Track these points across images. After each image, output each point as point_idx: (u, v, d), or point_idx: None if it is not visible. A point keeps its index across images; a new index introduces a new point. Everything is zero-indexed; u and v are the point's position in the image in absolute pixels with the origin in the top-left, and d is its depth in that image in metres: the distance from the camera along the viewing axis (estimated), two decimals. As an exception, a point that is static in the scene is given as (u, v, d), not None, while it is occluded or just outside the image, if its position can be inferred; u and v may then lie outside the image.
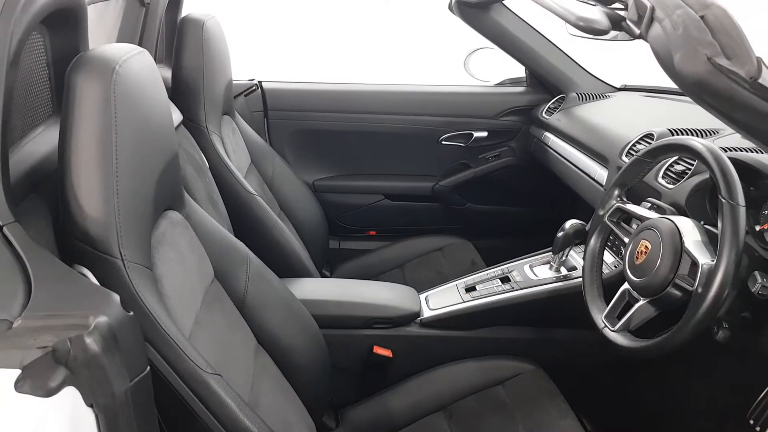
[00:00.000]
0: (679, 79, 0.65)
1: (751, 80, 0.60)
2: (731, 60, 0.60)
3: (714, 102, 0.64)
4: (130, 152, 0.80)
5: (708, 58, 0.60)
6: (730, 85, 0.61)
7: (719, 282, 0.87)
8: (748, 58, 0.61)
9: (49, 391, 0.55)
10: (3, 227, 0.68)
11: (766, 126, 0.64)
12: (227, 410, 0.82)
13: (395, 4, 2.90)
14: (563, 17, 0.77)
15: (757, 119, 0.63)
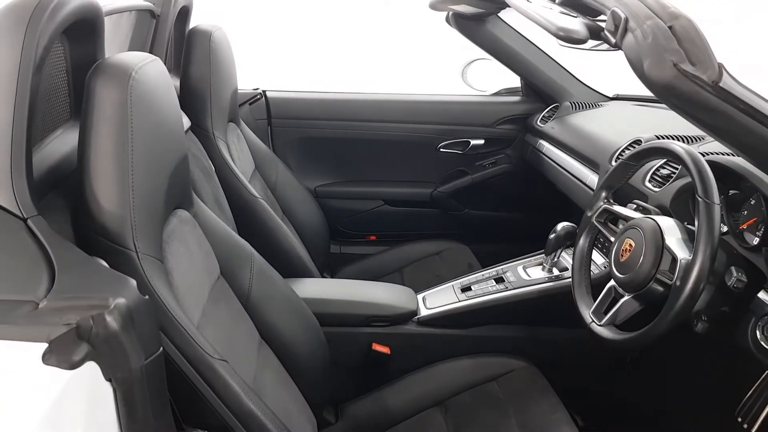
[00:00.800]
0: (649, 83, 0.71)
1: (713, 84, 0.66)
2: (695, 66, 0.66)
3: (682, 105, 0.70)
4: (144, 152, 0.86)
5: (674, 64, 0.66)
6: (695, 89, 0.67)
7: (696, 275, 0.92)
8: (710, 65, 0.67)
9: (72, 365, 0.61)
10: (27, 220, 0.74)
11: (729, 126, 0.69)
12: (232, 394, 0.87)
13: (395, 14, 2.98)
14: (545, 27, 0.83)
15: (720, 120, 0.69)
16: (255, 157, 1.88)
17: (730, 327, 1.04)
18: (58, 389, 0.60)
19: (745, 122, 0.68)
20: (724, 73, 0.67)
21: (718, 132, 0.73)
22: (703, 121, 0.72)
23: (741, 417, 1.15)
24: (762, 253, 1.06)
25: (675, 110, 0.73)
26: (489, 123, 2.26)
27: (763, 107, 0.67)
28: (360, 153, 2.30)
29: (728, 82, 0.66)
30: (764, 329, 0.98)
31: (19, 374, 0.58)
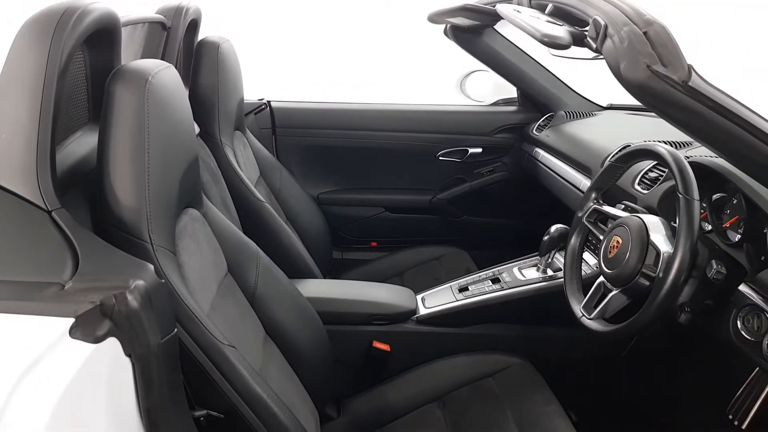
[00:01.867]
0: (626, 84, 0.77)
1: (683, 83, 0.72)
2: (667, 67, 0.73)
3: (655, 103, 0.76)
4: (159, 152, 0.92)
5: (647, 66, 0.73)
6: (666, 88, 0.73)
7: (677, 267, 0.98)
8: (680, 66, 0.73)
9: (96, 339, 0.66)
10: (51, 212, 0.80)
11: (699, 123, 0.75)
12: (240, 377, 0.92)
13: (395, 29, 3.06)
14: (531, 34, 0.89)
15: (691, 117, 0.75)
16: (260, 165, 1.94)
17: (713, 319, 1.09)
18: (82, 362, 0.65)
19: (714, 119, 0.74)
20: (693, 73, 0.73)
21: (690, 129, 0.79)
22: (676, 118, 0.78)
23: (732, 414, 1.20)
24: (743, 249, 1.11)
25: (651, 109, 0.80)
26: (487, 132, 2.32)
27: (730, 104, 0.73)
28: (361, 161, 2.36)
29: (697, 82, 0.72)
30: (745, 320, 1.03)
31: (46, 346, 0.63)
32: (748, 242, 1.10)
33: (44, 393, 0.62)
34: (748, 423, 1.18)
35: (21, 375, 0.61)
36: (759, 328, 1.00)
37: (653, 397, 1.65)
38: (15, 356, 0.62)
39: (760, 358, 0.98)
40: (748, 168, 0.84)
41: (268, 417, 0.93)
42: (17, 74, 0.81)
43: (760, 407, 1.16)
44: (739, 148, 0.76)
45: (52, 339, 0.64)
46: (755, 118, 0.74)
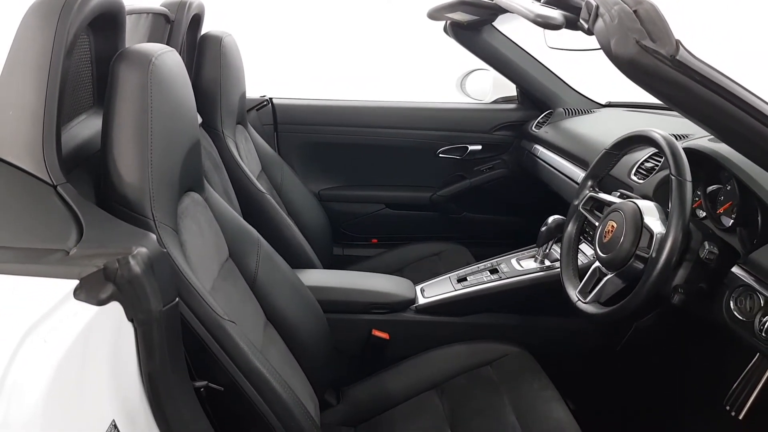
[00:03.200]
0: (616, 60, 0.79)
1: (671, 57, 0.74)
2: (656, 42, 0.75)
3: (644, 78, 0.78)
4: (162, 131, 0.94)
5: (636, 41, 0.75)
6: (655, 63, 0.75)
7: (669, 246, 0.99)
8: (669, 41, 0.75)
9: (100, 301, 0.68)
10: (57, 186, 0.82)
11: (687, 97, 0.77)
12: (241, 353, 0.94)
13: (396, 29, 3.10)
14: (525, 16, 0.91)
15: (679, 91, 0.77)
16: (261, 159, 1.97)
17: (706, 301, 1.10)
18: (85, 323, 0.67)
19: (701, 92, 0.76)
20: (681, 48, 0.75)
21: (679, 104, 0.81)
22: (665, 93, 0.80)
23: (729, 405, 1.21)
24: (736, 233, 1.13)
25: (641, 86, 0.82)
26: (486, 129, 2.35)
27: (718, 78, 0.75)
28: (362, 158, 2.38)
29: (685, 56, 0.74)
30: (737, 301, 1.04)
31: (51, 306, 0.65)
32: (741, 226, 1.12)
33: (49, 351, 0.64)
34: (745, 413, 1.19)
35: (26, 332, 0.62)
36: (751, 308, 1.02)
37: (649, 390, 1.66)
38: (21, 314, 0.64)
39: (753, 337, 0.99)
40: (736, 143, 0.86)
41: (267, 392, 0.95)
42: (24, 53, 0.84)
43: (757, 397, 1.17)
44: (727, 123, 0.78)
45: (56, 299, 0.65)
46: (743, 92, 0.76)
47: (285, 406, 0.96)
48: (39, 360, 0.63)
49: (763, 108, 0.75)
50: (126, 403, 0.75)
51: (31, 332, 0.63)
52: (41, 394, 0.63)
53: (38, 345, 0.64)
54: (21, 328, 0.63)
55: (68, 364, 0.66)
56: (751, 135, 0.77)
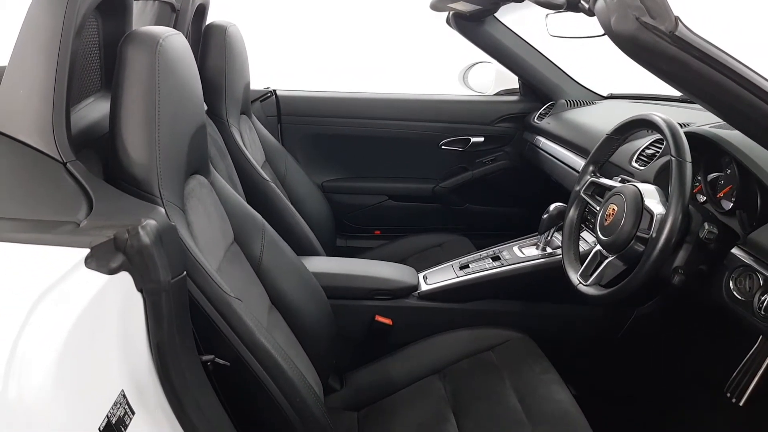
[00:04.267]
0: (616, 38, 0.80)
1: (670, 33, 0.75)
2: (655, 19, 0.76)
3: (645, 56, 0.79)
4: (169, 112, 0.96)
5: (636, 18, 0.76)
6: (655, 39, 0.76)
7: (669, 226, 1.01)
8: (668, 17, 0.76)
9: (110, 270, 0.70)
10: (66, 164, 0.84)
11: (686, 73, 0.78)
12: (246, 329, 0.95)
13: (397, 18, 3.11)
14: (526, -5, 0.92)
15: (678, 68, 0.78)
16: (265, 150, 1.98)
17: (705, 282, 1.11)
18: (96, 291, 0.69)
19: (700, 68, 0.77)
20: (680, 24, 0.76)
21: (678, 81, 0.82)
22: (664, 70, 0.81)
23: (730, 392, 1.22)
24: (736, 216, 1.14)
25: (641, 64, 0.83)
26: (488, 121, 2.36)
27: (717, 54, 0.77)
28: (365, 150, 2.40)
29: (684, 32, 0.76)
30: (737, 281, 1.06)
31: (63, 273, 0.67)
32: (741, 209, 1.13)
33: (60, 317, 0.65)
34: (746, 400, 1.20)
35: (39, 297, 0.64)
36: (750, 288, 1.03)
37: (650, 377, 1.67)
38: (33, 281, 0.65)
39: (752, 316, 1.01)
40: (735, 120, 0.87)
41: (273, 368, 0.96)
42: (35, 33, 0.85)
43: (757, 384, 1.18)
44: (726, 99, 0.79)
45: (68, 267, 0.67)
46: (742, 68, 0.77)
47: (290, 382, 0.97)
48: (51, 325, 0.65)
49: (763, 84, 0.76)
50: (135, 374, 0.77)
51: (43, 298, 0.64)
52: (53, 360, 0.64)
53: (50, 310, 0.65)
54: (33, 294, 0.64)
55: (79, 331, 0.67)
56: (750, 111, 0.79)
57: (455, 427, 1.24)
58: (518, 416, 1.23)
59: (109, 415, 0.71)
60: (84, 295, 0.68)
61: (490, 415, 1.24)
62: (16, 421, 0.61)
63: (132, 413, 0.76)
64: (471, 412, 1.27)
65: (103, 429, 0.69)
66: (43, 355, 0.64)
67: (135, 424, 0.76)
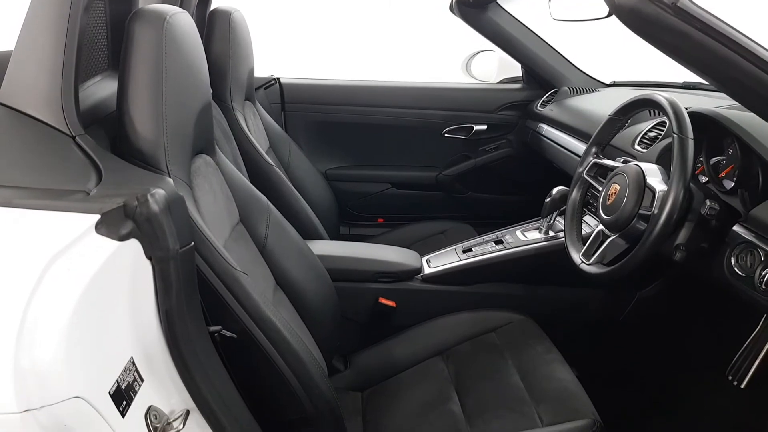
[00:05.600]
0: (619, 11, 0.81)
1: (672, 5, 0.76)
2: (657, -9, 0.77)
3: (648, 29, 0.80)
4: (175, 88, 0.97)
5: (639, -10, 0.77)
6: (657, 11, 0.77)
7: (671, 202, 1.01)
8: (670, -12, 0.77)
9: (120, 237, 0.71)
10: (75, 137, 0.85)
11: (688, 45, 0.79)
12: (253, 303, 0.96)
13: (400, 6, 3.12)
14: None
15: (680, 40, 0.79)
16: (269, 137, 1.99)
17: (707, 259, 1.12)
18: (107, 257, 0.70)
19: (702, 40, 0.78)
20: (682, -5, 0.77)
21: (681, 54, 0.83)
22: (667, 43, 0.82)
23: (731, 375, 1.23)
24: (737, 195, 1.15)
25: (644, 37, 0.83)
26: (491, 109, 2.37)
27: (719, 26, 0.77)
28: (369, 138, 2.41)
29: (686, 3, 0.76)
30: (738, 257, 1.06)
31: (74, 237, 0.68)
32: (742, 187, 1.14)
33: (72, 280, 0.66)
34: (747, 382, 1.21)
35: (50, 261, 0.65)
36: (752, 264, 1.04)
37: (652, 360, 1.68)
38: (45, 245, 0.66)
39: (753, 291, 1.01)
40: (737, 92, 0.87)
41: (279, 341, 0.97)
42: (43, 9, 0.86)
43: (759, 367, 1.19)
44: (728, 71, 0.80)
45: (79, 232, 0.68)
46: (744, 39, 0.77)
47: (296, 356, 0.99)
48: (62, 290, 0.66)
49: (764, 55, 0.77)
50: (144, 342, 0.78)
51: (54, 262, 0.66)
52: (65, 323, 0.66)
53: (61, 275, 0.66)
54: (44, 258, 0.66)
55: (90, 296, 0.68)
56: (751, 83, 0.79)
57: (458, 406, 1.26)
58: (520, 394, 1.24)
59: (119, 380, 0.72)
60: (94, 260, 0.69)
61: (493, 393, 1.26)
62: (28, 384, 0.63)
63: (141, 380, 0.77)
64: (473, 391, 1.28)
65: (113, 394, 0.71)
66: (54, 319, 0.65)
67: (144, 391, 0.77)
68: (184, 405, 0.83)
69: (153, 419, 0.77)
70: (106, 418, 0.69)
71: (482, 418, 1.19)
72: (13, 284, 0.63)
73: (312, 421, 1.01)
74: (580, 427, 1.10)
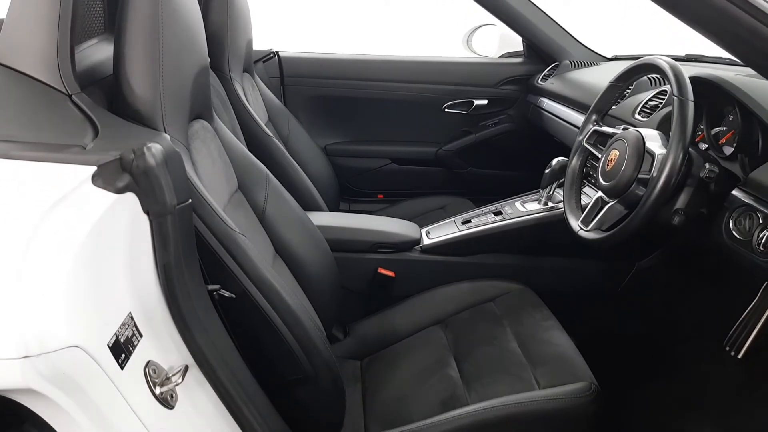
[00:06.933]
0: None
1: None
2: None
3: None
4: (172, 49, 0.96)
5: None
6: None
7: (670, 164, 1.01)
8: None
9: (117, 189, 0.71)
10: (72, 95, 0.85)
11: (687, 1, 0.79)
12: (252, 264, 0.96)
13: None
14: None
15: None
16: (268, 110, 1.98)
17: (706, 225, 1.12)
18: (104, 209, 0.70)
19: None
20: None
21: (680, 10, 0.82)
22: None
23: (729, 346, 1.23)
24: (737, 160, 1.14)
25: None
26: (492, 84, 2.35)
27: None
28: (369, 113, 2.40)
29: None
30: (737, 221, 1.06)
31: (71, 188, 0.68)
32: (742, 152, 1.13)
33: (69, 231, 0.67)
34: (744, 352, 1.21)
35: (47, 211, 0.65)
36: (750, 228, 1.03)
37: (650, 330, 1.69)
38: (42, 195, 0.67)
39: (751, 253, 1.01)
40: (736, 47, 0.87)
41: (278, 302, 0.98)
42: (38, -32, 0.85)
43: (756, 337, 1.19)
44: (727, 24, 0.79)
45: (76, 183, 0.68)
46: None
47: (294, 317, 0.99)
48: (60, 238, 0.66)
49: (764, 7, 0.76)
50: (143, 298, 0.78)
51: (52, 211, 0.66)
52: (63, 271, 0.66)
53: (60, 223, 0.67)
54: (42, 207, 0.66)
55: (88, 247, 0.68)
56: (751, 37, 0.78)
57: (456, 371, 1.27)
58: (518, 359, 1.25)
59: (117, 333, 0.72)
60: (92, 211, 0.69)
61: (491, 358, 1.27)
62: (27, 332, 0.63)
63: (140, 335, 0.78)
64: (471, 357, 1.29)
65: (112, 346, 0.71)
66: (52, 267, 0.65)
67: (143, 346, 0.78)
68: (183, 362, 0.84)
69: (152, 373, 0.78)
70: (105, 369, 0.70)
71: (480, 382, 1.20)
72: (11, 232, 0.63)
73: (310, 381, 1.01)
74: (577, 390, 1.11)
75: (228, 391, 0.87)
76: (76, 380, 0.66)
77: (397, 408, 1.21)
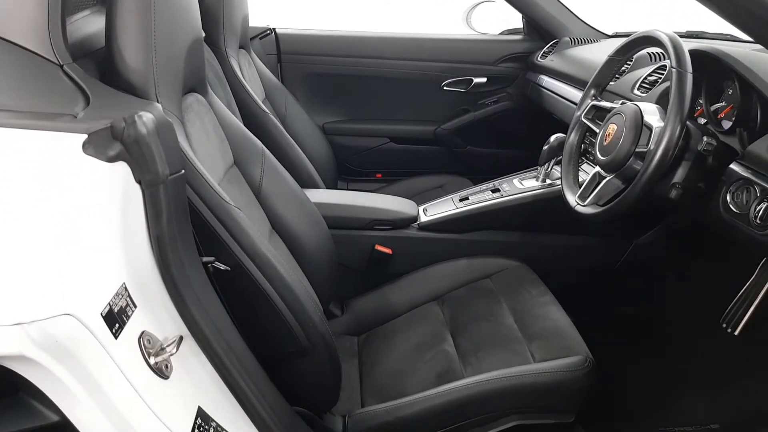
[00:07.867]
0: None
1: None
2: None
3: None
4: (165, 19, 0.94)
5: None
6: None
7: (667, 137, 1.00)
8: None
9: (108, 158, 0.70)
10: (63, 66, 0.84)
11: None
12: (247, 237, 0.96)
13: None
14: None
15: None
16: (265, 87, 1.96)
17: (703, 200, 1.11)
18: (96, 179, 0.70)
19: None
20: None
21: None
22: None
23: (725, 323, 1.24)
24: (736, 134, 1.14)
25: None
26: (491, 61, 2.33)
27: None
28: (366, 91, 2.38)
29: None
30: (734, 195, 1.06)
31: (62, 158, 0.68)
32: (741, 126, 1.12)
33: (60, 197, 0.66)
34: (741, 329, 1.22)
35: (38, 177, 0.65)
36: (747, 201, 1.03)
37: (646, 307, 1.69)
38: (32, 164, 0.66)
39: (747, 227, 1.01)
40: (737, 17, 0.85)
41: (273, 275, 0.97)
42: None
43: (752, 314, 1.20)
44: None
45: (66, 151, 0.68)
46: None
47: (290, 290, 0.99)
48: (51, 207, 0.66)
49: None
50: (137, 269, 0.78)
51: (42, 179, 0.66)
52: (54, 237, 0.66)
53: (50, 192, 0.66)
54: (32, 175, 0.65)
55: (79, 215, 0.68)
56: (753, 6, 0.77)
57: (452, 346, 1.27)
58: (514, 334, 1.25)
59: (111, 303, 0.72)
60: (83, 181, 0.69)
61: (487, 333, 1.27)
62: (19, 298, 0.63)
63: (134, 306, 0.78)
64: (467, 332, 1.29)
65: (105, 315, 0.71)
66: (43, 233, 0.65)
67: (137, 316, 0.78)
68: (178, 332, 0.84)
69: (146, 343, 0.78)
70: (99, 338, 0.70)
71: (475, 356, 1.20)
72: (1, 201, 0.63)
73: (306, 353, 1.01)
74: (572, 364, 1.12)
75: (223, 362, 0.88)
76: (69, 348, 0.67)
77: (393, 382, 1.21)
